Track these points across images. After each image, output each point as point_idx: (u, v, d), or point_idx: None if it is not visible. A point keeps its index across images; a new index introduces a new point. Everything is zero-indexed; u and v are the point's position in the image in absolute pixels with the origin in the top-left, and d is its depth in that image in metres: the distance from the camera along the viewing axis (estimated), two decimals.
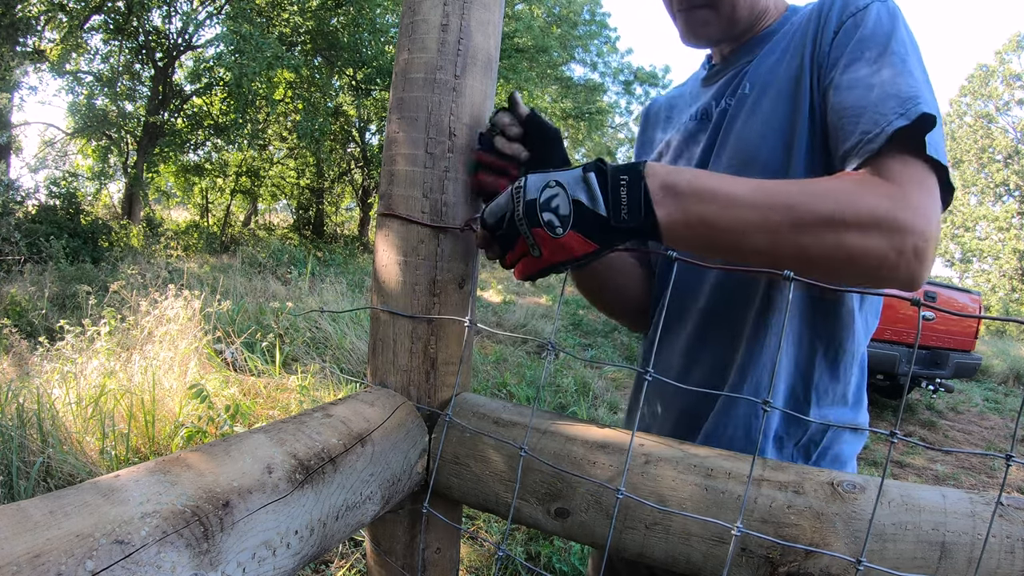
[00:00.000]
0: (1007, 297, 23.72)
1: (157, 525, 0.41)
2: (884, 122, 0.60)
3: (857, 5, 0.70)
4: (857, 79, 0.66)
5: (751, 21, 0.82)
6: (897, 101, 0.61)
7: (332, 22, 12.46)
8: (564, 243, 0.58)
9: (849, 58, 0.68)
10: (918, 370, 5.50)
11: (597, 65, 20.89)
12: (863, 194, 0.57)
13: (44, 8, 10.27)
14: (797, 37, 0.76)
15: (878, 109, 0.62)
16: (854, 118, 0.64)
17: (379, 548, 0.78)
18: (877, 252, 0.56)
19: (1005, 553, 0.47)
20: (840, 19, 0.71)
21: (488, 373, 5.08)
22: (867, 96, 0.64)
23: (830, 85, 0.69)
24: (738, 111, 0.79)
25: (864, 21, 0.68)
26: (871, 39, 0.67)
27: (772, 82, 0.76)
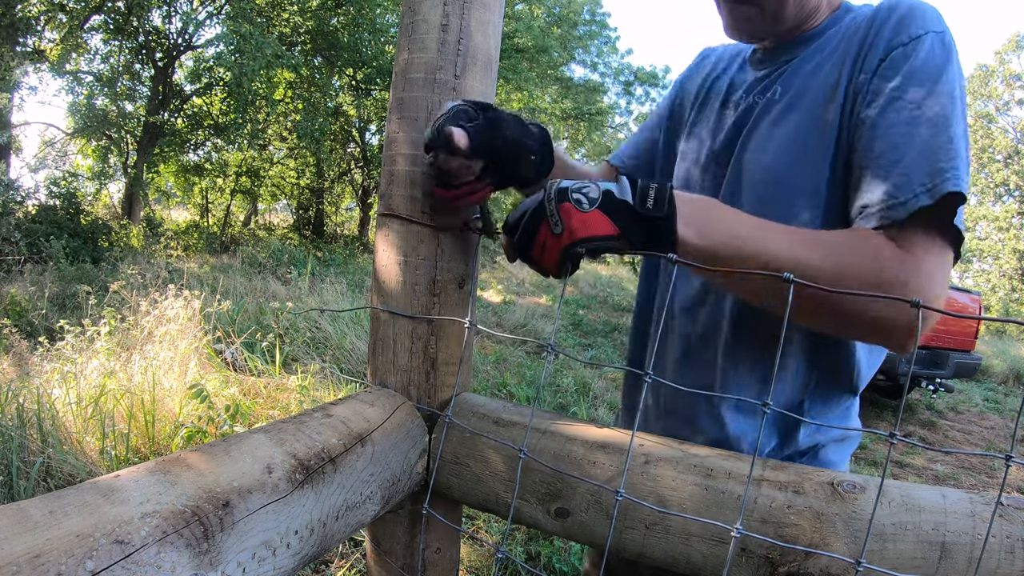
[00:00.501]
0: (1007, 297, 23.71)
1: (157, 525, 0.41)
2: (910, 192, 0.59)
3: (910, 33, 0.65)
4: (893, 124, 0.63)
5: (798, 20, 0.76)
6: (928, 171, 0.59)
7: (332, 22, 12.46)
8: (588, 218, 0.58)
9: (890, 96, 0.64)
10: (918, 370, 5.50)
11: (597, 65, 20.89)
12: (883, 267, 0.58)
13: (44, 8, 10.26)
14: (840, 49, 0.72)
15: (908, 173, 0.60)
16: (882, 170, 0.62)
17: (379, 548, 0.78)
18: (887, 321, 0.58)
19: (1005, 553, 0.47)
20: (889, 46, 0.66)
21: (488, 373, 5.08)
22: (900, 150, 0.61)
23: (865, 119, 0.66)
24: (764, 116, 0.76)
25: (915, 53, 0.64)
26: (917, 77, 0.63)
27: (804, 94, 0.73)
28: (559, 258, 0.60)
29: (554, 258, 0.60)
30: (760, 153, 0.74)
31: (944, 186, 0.58)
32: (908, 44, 0.64)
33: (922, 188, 0.59)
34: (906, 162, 0.61)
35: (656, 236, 0.60)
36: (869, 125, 0.65)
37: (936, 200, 0.58)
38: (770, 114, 0.75)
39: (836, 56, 0.71)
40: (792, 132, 0.72)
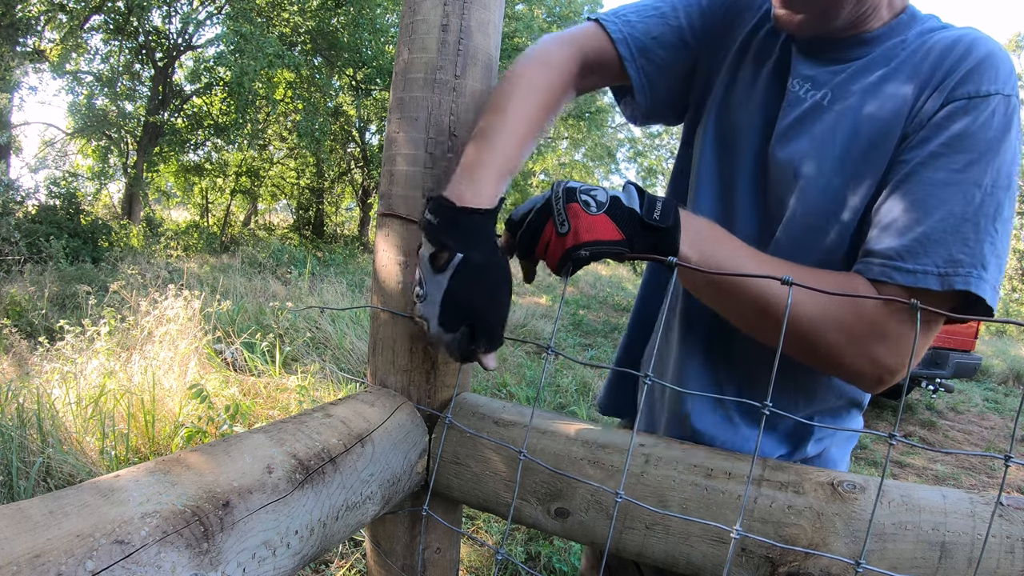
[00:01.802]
0: (1007, 297, 23.71)
1: (157, 525, 0.41)
2: (919, 265, 0.57)
3: (977, 89, 0.59)
4: (930, 181, 0.59)
5: (855, 15, 0.67)
6: (946, 255, 0.56)
7: (332, 22, 12.46)
8: (595, 221, 0.58)
9: (937, 149, 0.59)
10: (918, 370, 5.50)
11: None
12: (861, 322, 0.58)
13: (44, 8, 10.26)
14: (904, 72, 0.65)
15: (924, 242, 0.57)
16: (901, 223, 0.59)
17: (379, 548, 0.78)
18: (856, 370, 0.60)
19: (1005, 553, 0.47)
20: (952, 95, 0.60)
21: (488, 373, 5.08)
22: (926, 210, 0.58)
23: (906, 162, 0.62)
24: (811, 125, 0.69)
25: (976, 114, 0.59)
26: (971, 142, 0.58)
27: (859, 120, 0.66)
28: (562, 259, 0.60)
29: (556, 258, 0.60)
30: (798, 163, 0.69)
31: (953, 280, 0.55)
32: (971, 100, 0.59)
33: (935, 271, 0.56)
34: (929, 227, 0.57)
35: (659, 248, 0.60)
36: (910, 169, 0.61)
37: (944, 290, 0.56)
38: (817, 123, 0.68)
39: (900, 81, 0.65)
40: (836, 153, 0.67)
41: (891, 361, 0.58)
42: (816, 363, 0.63)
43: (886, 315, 0.57)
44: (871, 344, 0.58)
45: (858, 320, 0.58)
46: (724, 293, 0.62)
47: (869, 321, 0.58)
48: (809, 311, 0.58)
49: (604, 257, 0.60)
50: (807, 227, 0.69)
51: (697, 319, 0.81)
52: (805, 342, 0.60)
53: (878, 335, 0.57)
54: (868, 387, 0.62)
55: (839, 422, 0.78)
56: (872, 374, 0.59)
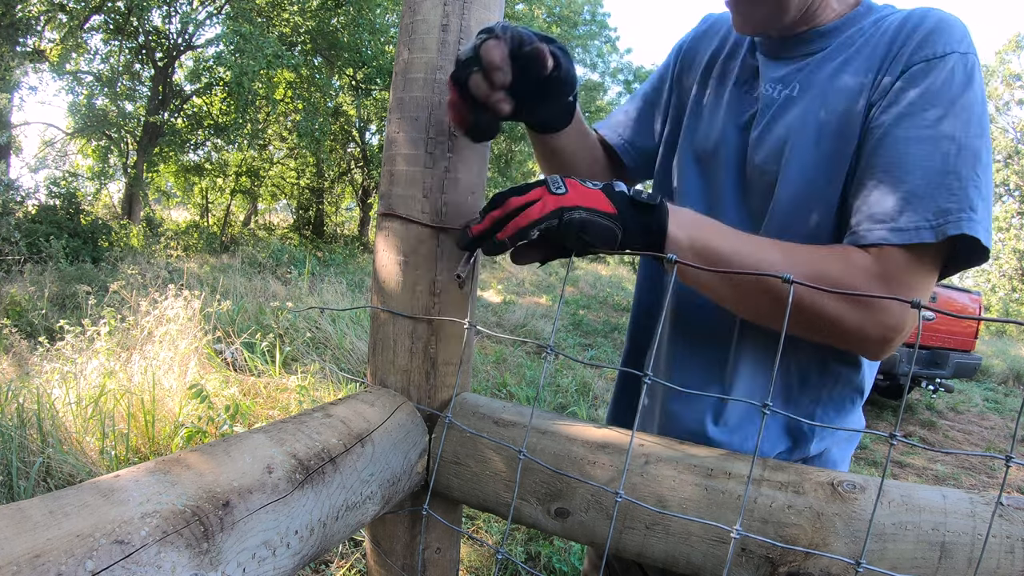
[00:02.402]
0: (1007, 297, 23.71)
1: (157, 525, 0.41)
2: (913, 225, 0.58)
3: (935, 50, 0.62)
4: (906, 139, 0.61)
5: (803, 7, 0.72)
6: (935, 208, 0.58)
7: (332, 22, 12.46)
8: (590, 192, 0.60)
9: (905, 110, 0.61)
10: (918, 370, 5.50)
11: (597, 65, 20.89)
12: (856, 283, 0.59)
13: (44, 8, 10.26)
14: (864, 53, 0.68)
15: (913, 200, 0.59)
16: (887, 186, 0.61)
17: (379, 548, 0.78)
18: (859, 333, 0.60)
19: (1005, 553, 0.47)
20: (911, 60, 0.63)
21: (488, 373, 5.08)
22: (908, 168, 0.60)
23: (879, 127, 0.64)
24: (782, 115, 0.73)
25: (937, 73, 0.61)
26: (936, 99, 0.60)
27: (827, 99, 0.69)
28: (552, 213, 0.58)
29: (543, 212, 0.58)
30: (777, 153, 0.72)
31: (948, 228, 0.57)
32: (931, 61, 0.62)
33: (927, 225, 0.58)
34: (913, 184, 0.59)
35: (648, 229, 0.61)
36: (881, 133, 0.63)
37: (939, 240, 0.57)
38: (789, 112, 0.72)
39: (860, 61, 0.68)
40: (812, 145, 0.69)
41: (894, 320, 0.59)
42: (821, 336, 0.63)
43: (880, 275, 0.59)
44: (872, 307, 0.58)
45: (852, 278, 0.59)
46: (721, 277, 0.63)
47: (866, 280, 0.59)
48: (807, 296, 0.59)
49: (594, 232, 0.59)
50: (791, 212, 0.71)
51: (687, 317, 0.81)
52: (809, 318, 0.61)
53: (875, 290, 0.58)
54: (875, 351, 0.62)
55: (842, 414, 0.77)
56: (876, 335, 0.60)
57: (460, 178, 0.73)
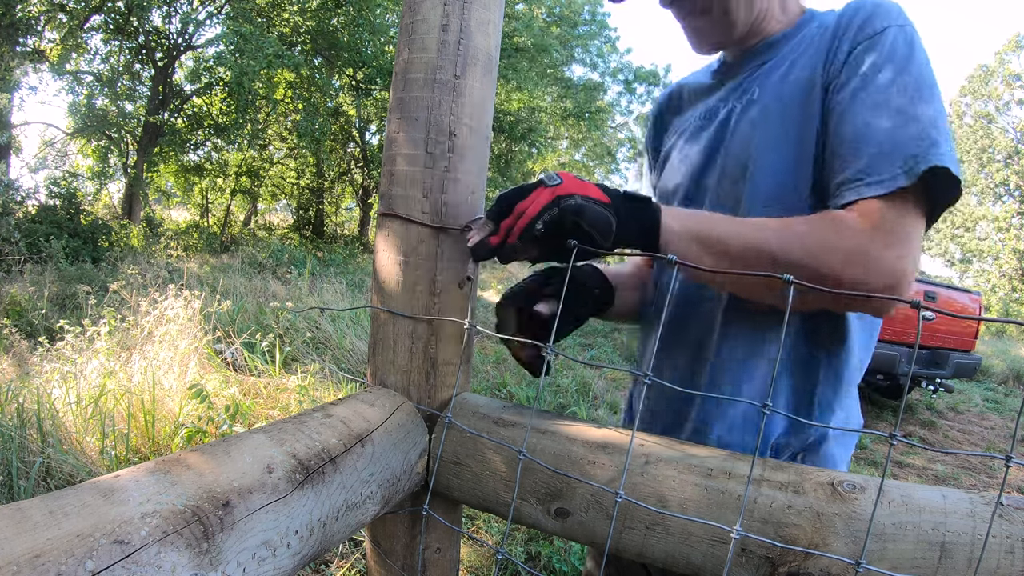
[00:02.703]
0: (1007, 297, 23.70)
1: (157, 525, 0.41)
2: (887, 173, 0.62)
3: (874, 28, 0.68)
4: (864, 107, 0.65)
5: (750, 22, 0.80)
6: (903, 154, 0.61)
7: (332, 22, 12.46)
8: (585, 184, 0.63)
9: (859, 83, 0.67)
10: (918, 370, 5.50)
11: (597, 65, 20.89)
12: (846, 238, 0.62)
13: (44, 8, 10.26)
14: (811, 50, 0.75)
15: (882, 153, 0.63)
16: (856, 149, 0.65)
17: (379, 548, 0.78)
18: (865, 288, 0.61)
19: (1005, 553, 0.47)
20: (855, 40, 0.69)
21: (488, 373, 5.08)
22: (872, 129, 0.64)
23: (835, 107, 0.69)
24: (745, 115, 0.79)
25: (879, 46, 0.67)
26: (884, 65, 0.66)
27: (783, 92, 0.75)
28: (550, 203, 0.61)
29: (543, 202, 0.61)
30: (746, 147, 0.77)
31: (919, 166, 0.60)
32: (873, 38, 0.68)
33: (900, 170, 0.61)
34: (879, 143, 0.63)
35: (641, 218, 0.64)
36: (842, 109, 0.67)
37: (914, 180, 0.61)
38: (751, 112, 0.78)
39: (808, 54, 0.74)
40: (777, 123, 0.74)
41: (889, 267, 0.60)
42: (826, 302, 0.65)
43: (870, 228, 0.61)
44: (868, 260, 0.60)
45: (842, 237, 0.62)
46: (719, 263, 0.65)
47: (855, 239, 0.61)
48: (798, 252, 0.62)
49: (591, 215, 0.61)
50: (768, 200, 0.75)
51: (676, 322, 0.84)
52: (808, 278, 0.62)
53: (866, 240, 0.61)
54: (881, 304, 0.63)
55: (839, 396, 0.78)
56: (879, 286, 0.61)
57: (460, 178, 0.73)
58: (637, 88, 21.81)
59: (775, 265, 0.62)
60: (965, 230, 26.26)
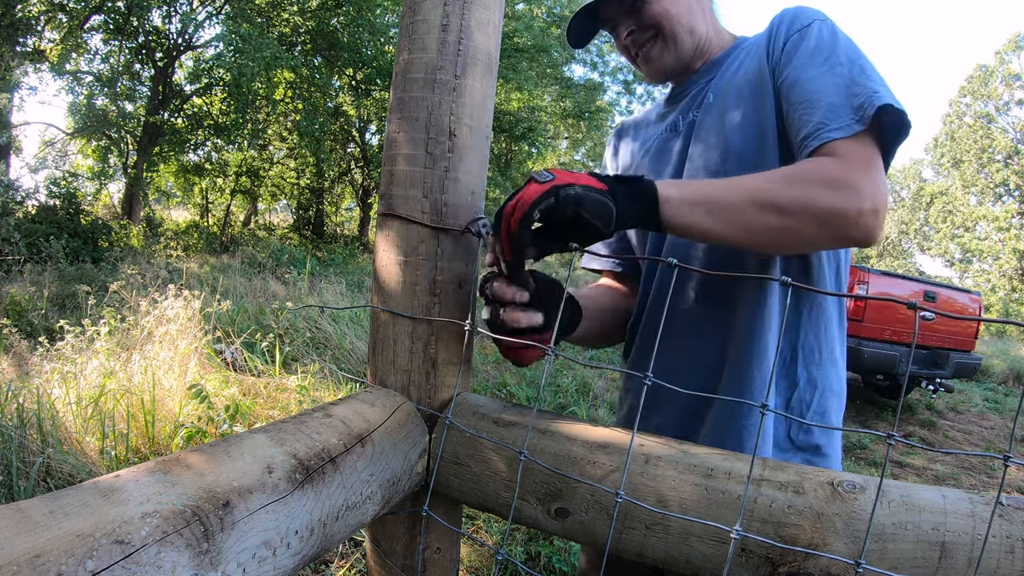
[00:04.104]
0: (1007, 297, 23.70)
1: (157, 525, 0.41)
2: (844, 123, 0.71)
3: (801, 23, 0.81)
4: (809, 77, 0.76)
5: (695, 44, 0.92)
6: (852, 107, 0.71)
7: (332, 22, 12.45)
8: (578, 175, 0.65)
9: (800, 60, 0.78)
10: (918, 370, 5.50)
11: (597, 65, 20.89)
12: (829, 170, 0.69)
13: (44, 8, 10.26)
14: (752, 52, 0.86)
15: (834, 110, 0.72)
16: (812, 107, 0.74)
17: (379, 548, 0.78)
18: (840, 210, 0.67)
19: (1005, 553, 0.47)
20: (788, 34, 0.81)
21: (488, 373, 5.08)
22: (823, 90, 0.74)
23: (784, 82, 0.79)
24: (706, 116, 0.88)
25: (809, 34, 0.79)
26: (816, 47, 0.78)
27: (735, 88, 0.86)
28: (544, 194, 0.61)
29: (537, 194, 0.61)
30: (714, 138, 0.86)
31: (868, 110, 0.70)
32: (802, 30, 0.80)
33: (853, 118, 0.71)
34: (830, 100, 0.73)
35: (639, 196, 0.66)
36: (791, 82, 0.78)
37: (868, 124, 0.70)
38: (712, 111, 0.88)
39: (751, 57, 0.86)
40: (736, 112, 0.84)
41: (869, 189, 0.67)
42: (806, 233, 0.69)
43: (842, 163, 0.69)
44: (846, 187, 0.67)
45: (824, 169, 0.69)
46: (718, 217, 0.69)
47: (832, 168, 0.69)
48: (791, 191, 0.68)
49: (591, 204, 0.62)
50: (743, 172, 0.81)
51: None
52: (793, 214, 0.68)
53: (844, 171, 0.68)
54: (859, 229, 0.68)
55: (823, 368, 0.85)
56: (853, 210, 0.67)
57: (460, 178, 0.73)
58: (636, 88, 21.80)
59: (772, 207, 0.68)
60: (965, 230, 26.26)
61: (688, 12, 0.91)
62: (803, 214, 0.67)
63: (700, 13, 0.93)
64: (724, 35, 0.97)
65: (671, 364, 0.87)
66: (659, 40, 0.91)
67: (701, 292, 0.86)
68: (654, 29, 0.90)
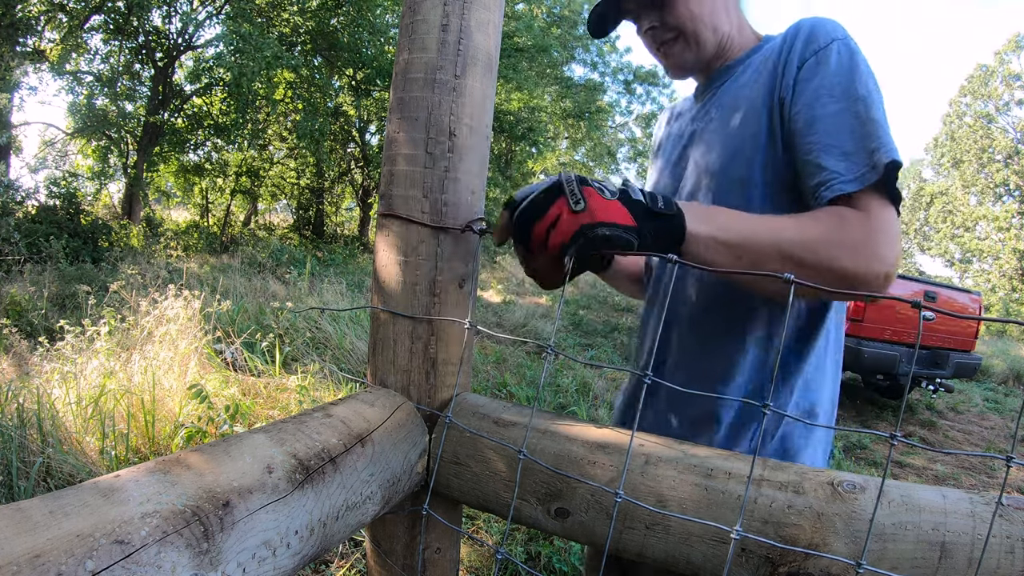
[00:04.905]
0: (1007, 297, 23.69)
1: (157, 525, 0.41)
2: (857, 171, 0.70)
3: (818, 44, 0.76)
4: (825, 116, 0.73)
5: (717, 44, 0.89)
6: (867, 152, 0.71)
7: (332, 22, 12.45)
8: (611, 205, 0.62)
9: (814, 93, 0.75)
10: (918, 370, 5.50)
11: (597, 65, 20.89)
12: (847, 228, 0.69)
13: (44, 8, 10.26)
14: (760, 68, 0.84)
15: (850, 155, 0.71)
16: (826, 155, 0.72)
17: (379, 548, 0.78)
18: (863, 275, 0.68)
19: (1005, 553, 0.47)
20: (803, 56, 0.77)
21: (488, 373, 5.08)
22: (837, 137, 0.72)
23: (797, 115, 0.76)
24: (703, 132, 0.89)
25: (826, 60, 0.75)
26: (833, 79, 0.74)
27: (735, 106, 0.84)
28: (576, 234, 0.60)
29: (569, 233, 0.60)
30: (704, 155, 0.87)
31: (882, 160, 0.70)
32: (818, 53, 0.76)
33: (867, 167, 0.70)
34: (845, 145, 0.72)
35: (665, 233, 0.65)
36: (803, 121, 0.75)
37: (882, 174, 0.70)
38: (709, 128, 0.88)
39: (757, 73, 0.84)
40: (731, 132, 0.83)
41: (888, 252, 0.68)
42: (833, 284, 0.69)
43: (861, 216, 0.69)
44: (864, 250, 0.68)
45: (842, 228, 0.69)
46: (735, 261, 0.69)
47: (851, 226, 0.69)
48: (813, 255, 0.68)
49: (616, 245, 0.61)
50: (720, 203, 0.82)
51: None
52: (824, 275, 0.68)
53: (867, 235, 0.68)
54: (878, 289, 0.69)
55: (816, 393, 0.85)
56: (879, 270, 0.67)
57: (460, 178, 0.73)
58: (637, 88, 21.81)
59: (796, 263, 0.68)
60: (965, 230, 26.25)
61: (712, 11, 0.87)
62: (827, 274, 0.68)
63: (724, 11, 0.89)
64: (748, 34, 0.93)
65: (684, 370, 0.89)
66: (681, 40, 0.89)
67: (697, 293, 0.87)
68: (677, 30, 0.88)
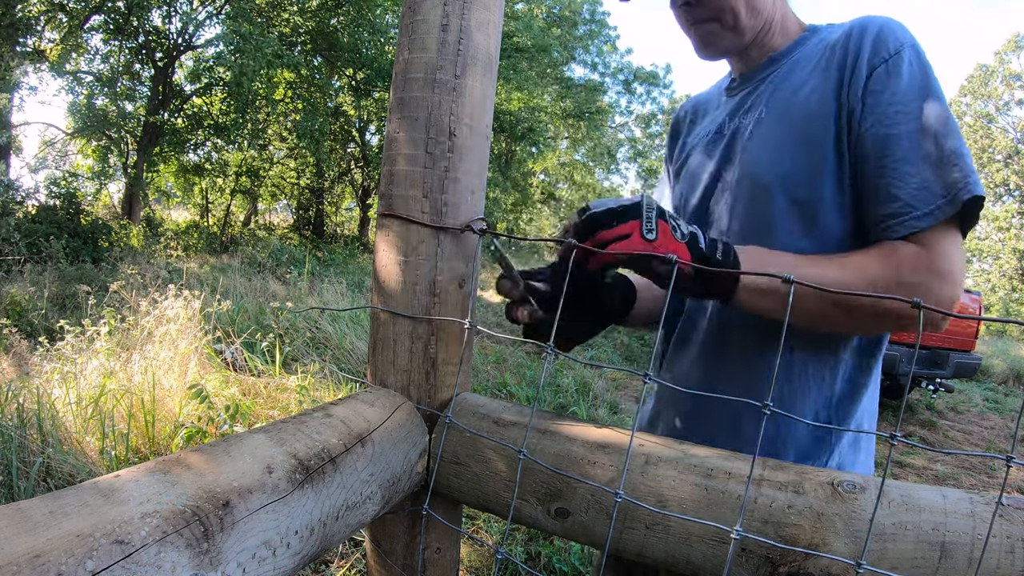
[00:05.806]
0: (1007, 297, 23.69)
1: (157, 525, 0.41)
2: (932, 204, 0.65)
3: (888, 50, 0.70)
4: (899, 135, 0.67)
5: (756, 30, 0.82)
6: (944, 184, 0.65)
7: (332, 22, 12.46)
8: (679, 248, 0.63)
9: (889, 108, 0.69)
10: (918, 370, 5.50)
11: (597, 65, 20.89)
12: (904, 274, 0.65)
13: (44, 8, 10.26)
14: (820, 67, 0.76)
15: (926, 186, 0.66)
16: (899, 182, 0.67)
17: (379, 548, 0.78)
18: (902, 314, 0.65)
19: (1005, 553, 0.47)
20: (872, 64, 0.70)
21: (488, 373, 5.08)
22: (911, 163, 0.67)
23: (868, 131, 0.70)
24: (748, 132, 0.81)
25: (898, 70, 0.69)
26: (907, 94, 0.68)
27: (792, 111, 0.77)
28: (634, 258, 0.61)
29: (634, 251, 0.61)
30: (754, 163, 0.79)
31: (961, 195, 0.65)
32: (889, 61, 0.69)
33: (943, 200, 0.65)
34: (921, 172, 0.66)
35: (717, 284, 0.65)
36: (875, 139, 0.69)
37: (958, 209, 0.65)
38: (759, 130, 0.80)
39: (816, 75, 0.76)
40: (786, 140, 0.76)
41: (947, 292, 0.65)
42: (888, 326, 0.69)
43: (926, 259, 0.65)
44: (931, 293, 0.64)
45: (900, 274, 0.65)
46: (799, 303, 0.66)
47: (909, 272, 0.65)
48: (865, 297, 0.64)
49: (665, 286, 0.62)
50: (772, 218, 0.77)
51: None
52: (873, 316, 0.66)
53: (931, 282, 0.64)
54: (936, 323, 0.66)
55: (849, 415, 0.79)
56: (928, 316, 0.64)
57: (460, 178, 0.73)
58: (637, 88, 21.81)
59: (840, 307, 0.66)
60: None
61: None
62: (885, 316, 0.66)
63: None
64: (791, 22, 0.85)
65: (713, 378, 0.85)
66: (717, 19, 0.80)
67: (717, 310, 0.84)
68: (714, 8, 0.79)
